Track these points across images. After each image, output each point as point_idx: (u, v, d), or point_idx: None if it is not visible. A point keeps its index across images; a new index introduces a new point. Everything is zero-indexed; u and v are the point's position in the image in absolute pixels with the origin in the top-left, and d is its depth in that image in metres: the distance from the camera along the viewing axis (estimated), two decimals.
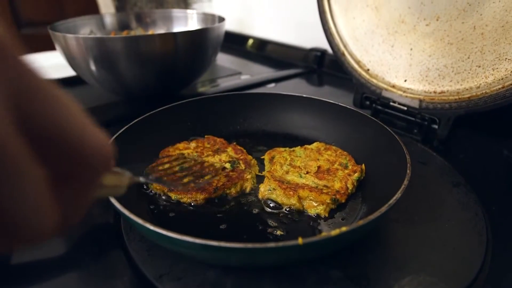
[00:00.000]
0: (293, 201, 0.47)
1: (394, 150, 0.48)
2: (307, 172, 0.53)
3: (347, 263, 0.39)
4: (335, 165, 0.54)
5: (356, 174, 0.51)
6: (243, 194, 0.51)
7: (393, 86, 0.71)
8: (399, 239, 0.43)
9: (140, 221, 0.33)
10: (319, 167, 0.54)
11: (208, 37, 0.77)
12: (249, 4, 1.38)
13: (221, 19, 0.88)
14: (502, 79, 0.55)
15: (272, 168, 0.54)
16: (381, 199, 0.38)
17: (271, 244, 0.30)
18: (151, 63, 0.72)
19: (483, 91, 0.57)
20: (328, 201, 0.46)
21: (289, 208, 0.47)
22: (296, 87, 1.02)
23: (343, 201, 0.47)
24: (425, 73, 0.66)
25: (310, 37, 1.14)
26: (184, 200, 0.48)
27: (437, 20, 0.62)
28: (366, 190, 0.50)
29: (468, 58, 0.59)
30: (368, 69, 0.75)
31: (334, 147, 0.59)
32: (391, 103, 0.70)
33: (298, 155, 0.58)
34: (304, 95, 0.67)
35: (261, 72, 1.14)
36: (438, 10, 0.62)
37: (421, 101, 0.66)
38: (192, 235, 0.31)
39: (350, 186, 0.49)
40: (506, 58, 0.55)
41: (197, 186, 0.47)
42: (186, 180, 0.44)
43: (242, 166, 0.54)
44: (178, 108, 0.62)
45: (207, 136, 0.63)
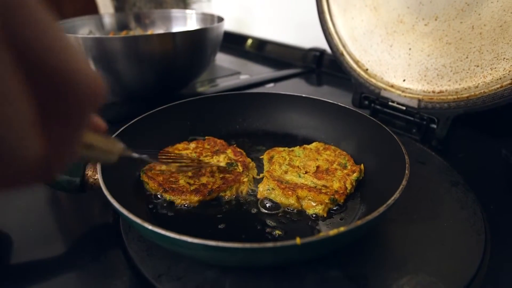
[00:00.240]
0: (292, 201, 0.47)
1: (393, 150, 0.48)
2: (306, 172, 0.53)
3: (346, 263, 0.39)
4: (334, 165, 0.54)
5: (355, 174, 0.51)
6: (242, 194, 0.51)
7: (392, 86, 0.71)
8: (398, 238, 0.43)
9: (138, 220, 0.33)
10: (318, 167, 0.54)
11: (207, 37, 0.77)
12: (248, 4, 1.38)
13: (220, 19, 0.88)
14: (500, 78, 0.55)
15: (271, 168, 0.54)
16: (380, 199, 0.38)
17: (269, 244, 0.30)
18: (150, 63, 0.72)
19: (482, 91, 0.58)
20: (327, 201, 0.46)
21: (288, 208, 0.47)
22: (295, 87, 1.02)
23: (342, 201, 0.47)
24: (423, 72, 0.66)
25: (309, 37, 1.14)
26: (178, 202, 0.47)
27: (436, 20, 0.62)
28: (365, 190, 0.50)
29: (467, 57, 0.59)
30: (367, 69, 0.75)
31: (333, 147, 0.60)
32: (390, 103, 0.70)
33: (297, 155, 0.58)
34: (303, 95, 0.67)
35: (260, 72, 1.14)
36: (437, 10, 0.62)
37: (419, 100, 0.66)
38: (190, 235, 0.31)
39: (348, 186, 0.49)
40: (504, 58, 0.55)
41: (189, 170, 0.48)
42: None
43: (240, 168, 0.54)
44: (177, 107, 0.62)
45: (207, 137, 0.63)
